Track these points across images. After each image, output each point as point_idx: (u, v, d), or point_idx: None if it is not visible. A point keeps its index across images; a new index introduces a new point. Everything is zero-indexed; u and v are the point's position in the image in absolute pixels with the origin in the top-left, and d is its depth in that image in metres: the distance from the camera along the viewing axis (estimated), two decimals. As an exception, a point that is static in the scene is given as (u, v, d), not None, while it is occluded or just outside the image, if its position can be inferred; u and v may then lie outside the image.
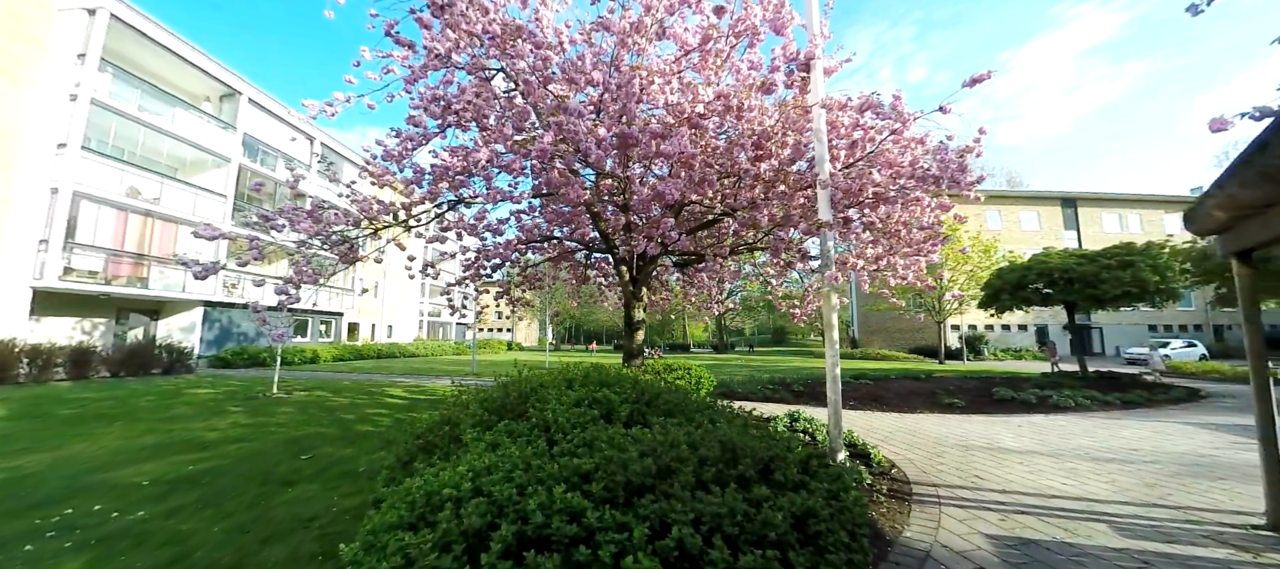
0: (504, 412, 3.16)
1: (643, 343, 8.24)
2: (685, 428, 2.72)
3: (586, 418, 2.73)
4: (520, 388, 3.58)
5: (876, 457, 5.53)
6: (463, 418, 2.99)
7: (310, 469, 5.10)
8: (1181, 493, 4.70)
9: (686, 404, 3.45)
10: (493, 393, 3.47)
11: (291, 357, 20.69)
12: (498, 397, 3.41)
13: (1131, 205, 35.89)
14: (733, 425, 2.93)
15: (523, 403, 3.26)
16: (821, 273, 5.28)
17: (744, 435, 2.58)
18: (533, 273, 11.14)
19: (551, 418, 2.73)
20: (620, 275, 8.05)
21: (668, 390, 4.03)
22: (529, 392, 3.47)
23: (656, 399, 3.46)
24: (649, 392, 3.73)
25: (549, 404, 3.02)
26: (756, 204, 5.35)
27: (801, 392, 11.69)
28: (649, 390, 3.79)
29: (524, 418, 3.02)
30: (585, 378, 4.11)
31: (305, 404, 9.57)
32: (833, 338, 5.27)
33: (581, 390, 3.45)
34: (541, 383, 3.74)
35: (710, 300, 12.48)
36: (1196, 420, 8.37)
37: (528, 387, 3.60)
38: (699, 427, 2.84)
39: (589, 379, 4.02)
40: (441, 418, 3.20)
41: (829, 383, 5.24)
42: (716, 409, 3.63)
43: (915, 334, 34.21)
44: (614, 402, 3.18)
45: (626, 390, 3.47)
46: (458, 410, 3.27)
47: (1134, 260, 14.36)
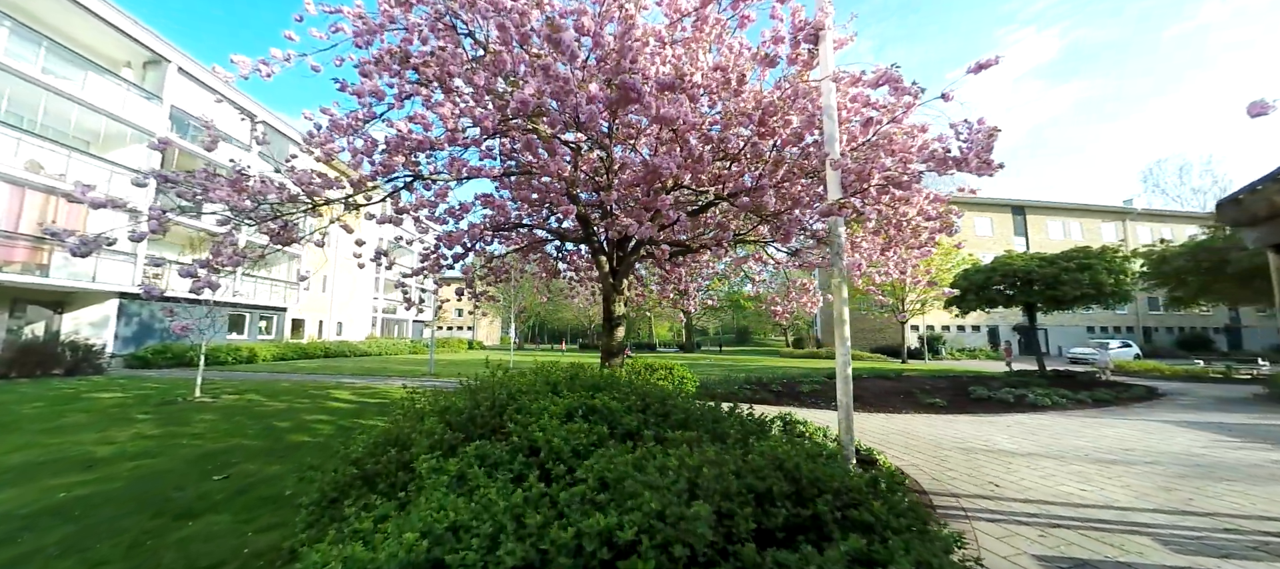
0: (473, 428, 2.42)
1: (623, 341, 7.56)
2: (716, 447, 2.07)
3: (588, 437, 2.04)
4: (493, 395, 2.83)
5: (883, 463, 5.07)
6: (416, 437, 2.22)
7: (223, 493, 4.14)
8: (1201, 498, 4.45)
9: (701, 413, 2.80)
10: (457, 401, 2.71)
11: (224, 356, 18.76)
12: (464, 407, 2.65)
13: (1074, 214, 38.06)
14: (771, 441, 2.30)
15: (498, 415, 2.53)
16: (834, 262, 4.75)
17: (805, 459, 1.96)
18: (499, 265, 10.24)
19: (541, 437, 2.02)
20: (599, 266, 7.34)
21: (672, 395, 3.37)
22: (505, 399, 2.74)
23: (664, 407, 2.79)
24: (651, 397, 3.06)
25: (534, 417, 2.30)
26: (761, 186, 4.77)
27: (781, 391, 11.31)
28: (651, 395, 3.12)
29: (501, 436, 2.29)
30: (572, 381, 3.40)
31: (232, 410, 8.34)
32: (844, 333, 4.75)
33: (571, 397, 2.74)
34: (520, 388, 3.00)
35: (686, 297, 11.94)
36: (1168, 418, 8.46)
37: (503, 392, 2.86)
38: (731, 442, 2.19)
39: (577, 383, 3.31)
40: (386, 435, 2.40)
41: (840, 383, 4.71)
42: (733, 417, 2.99)
43: (876, 334, 35.00)
44: (616, 412, 2.50)
45: (627, 397, 2.78)
46: (409, 425, 2.49)
47: (1091, 263, 14.84)
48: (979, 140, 4.48)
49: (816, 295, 9.29)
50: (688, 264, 11.41)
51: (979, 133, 4.56)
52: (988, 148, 4.34)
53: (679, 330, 65.74)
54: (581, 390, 2.96)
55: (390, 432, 2.39)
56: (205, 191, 4.64)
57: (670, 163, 4.33)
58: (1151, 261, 13.19)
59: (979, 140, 4.48)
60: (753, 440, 2.24)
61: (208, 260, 5.10)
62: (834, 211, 4.08)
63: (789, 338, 55.76)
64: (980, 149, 4.35)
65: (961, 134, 4.59)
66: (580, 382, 3.41)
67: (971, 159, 4.42)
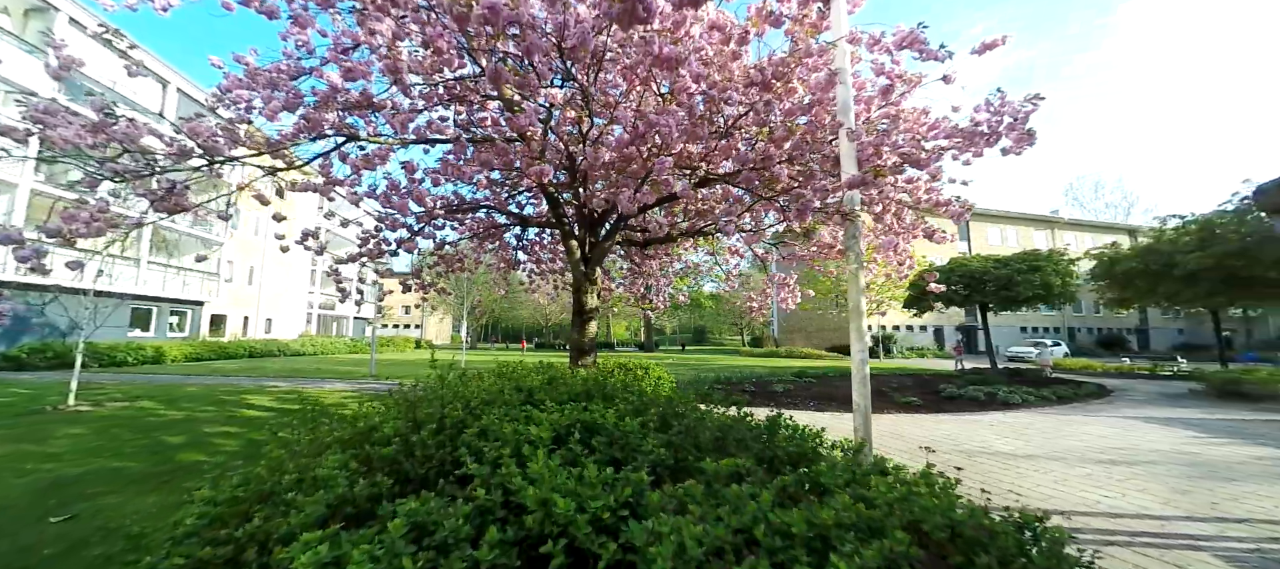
0: (408, 468, 1.54)
1: (595, 337, 6.73)
2: (776, 482, 1.33)
3: (615, 495, 1.20)
4: (442, 409, 1.96)
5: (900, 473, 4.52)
6: (298, 497, 1.28)
7: (55, 546, 2.99)
8: (1226, 502, 4.19)
9: (734, 429, 2.05)
10: (386, 423, 1.80)
11: (124, 356, 16.31)
12: (397, 433, 1.74)
13: (1011, 222, 40.51)
14: (841, 472, 1.59)
15: (449, 444, 1.67)
16: (848, 249, 4.15)
17: (941, 505, 1.26)
18: (451, 254, 9.13)
19: (527, 491, 1.19)
20: (569, 251, 6.47)
21: (675, 401, 2.61)
22: (461, 417, 1.88)
23: (682, 421, 2.02)
24: (662, 408, 2.28)
25: (507, 445, 1.48)
26: (769, 158, 4.09)
27: (754, 391, 10.82)
28: (659, 404, 2.33)
29: (456, 482, 1.44)
30: (550, 385, 2.56)
31: (112, 422, 6.84)
32: (861, 327, 4.16)
33: (556, 411, 1.92)
34: (482, 399, 2.14)
35: (656, 292, 11.23)
36: (1131, 415, 8.57)
37: (458, 406, 1.99)
38: (791, 475, 1.46)
39: (558, 388, 2.48)
40: (250, 485, 1.41)
41: (856, 384, 4.11)
42: (771, 430, 2.26)
43: (831, 333, 35.78)
44: (628, 434, 1.70)
45: (642, 407, 1.99)
46: (295, 464, 1.55)
47: (1041, 265, 15.43)
48: (1009, 111, 4.01)
49: (795, 291, 8.80)
50: (660, 256, 10.72)
51: (1005, 106, 4.09)
52: (1025, 118, 3.87)
53: (636, 329, 65.24)
54: (568, 400, 2.15)
55: (258, 478, 1.45)
56: (46, 128, 3.42)
57: (670, 121, 3.56)
58: (1103, 263, 13.76)
59: (1009, 111, 4.01)
60: (806, 469, 1.54)
61: (58, 227, 3.85)
62: (865, 182, 3.46)
63: (745, 337, 56.47)
64: (1017, 121, 3.86)
65: (994, 104, 4.09)
66: (562, 386, 2.58)
67: (1003, 132, 3.93)
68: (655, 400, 2.35)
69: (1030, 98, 3.77)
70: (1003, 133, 4.01)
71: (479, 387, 2.49)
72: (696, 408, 2.73)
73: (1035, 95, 3.73)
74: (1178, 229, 11.45)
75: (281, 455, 1.61)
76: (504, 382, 2.65)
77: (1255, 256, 9.13)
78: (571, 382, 2.59)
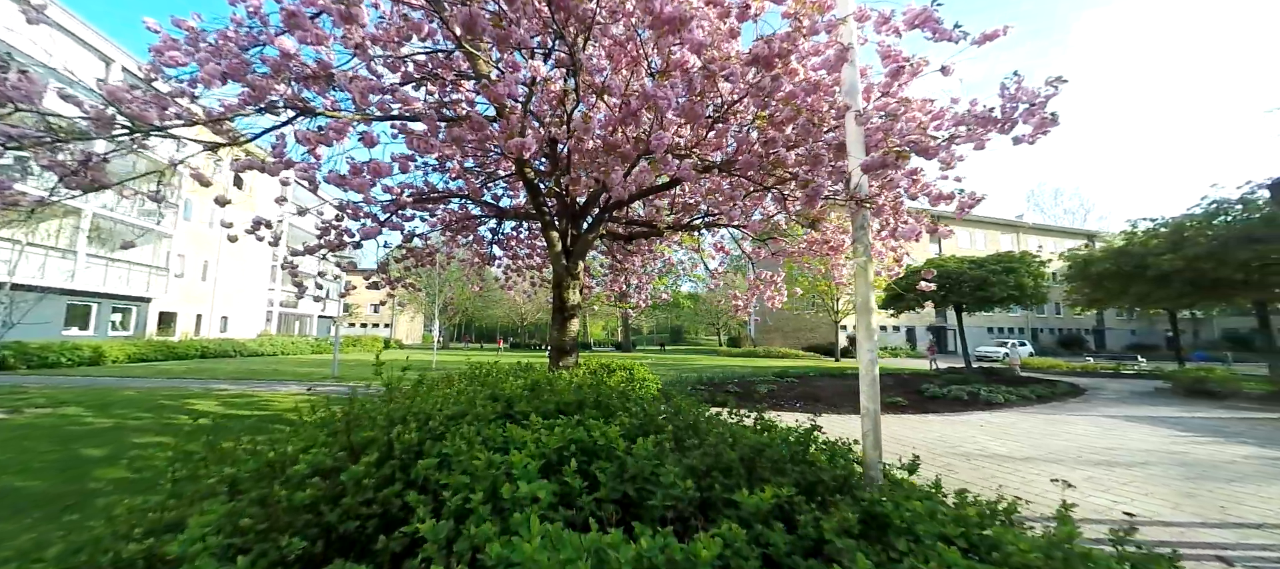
0: (334, 520, 1.10)
1: (577, 335, 6.29)
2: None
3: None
4: (389, 429, 1.51)
5: (904, 481, 4.26)
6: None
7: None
8: (1233, 505, 4.07)
9: (769, 448, 1.67)
10: (309, 451, 1.34)
11: (57, 356, 14.98)
12: (319, 469, 1.28)
13: (978, 225, 41.72)
14: (922, 517, 1.24)
15: (401, 480, 1.23)
16: (857, 240, 3.85)
17: None
18: (422, 248, 8.53)
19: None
20: (550, 243, 6.02)
21: (684, 411, 2.22)
22: (416, 442, 1.44)
23: (701, 441, 1.63)
24: (672, 419, 1.88)
25: (479, 483, 1.06)
26: (772, 141, 3.75)
27: (738, 392, 10.54)
28: (668, 413, 1.94)
29: (399, 540, 1.01)
30: (533, 393, 2.14)
31: (28, 430, 6.04)
32: (871, 324, 3.85)
33: (543, 429, 1.51)
34: (447, 411, 1.71)
35: (638, 290, 10.85)
36: (1111, 414, 8.63)
37: (411, 425, 1.55)
38: (849, 509, 1.10)
39: (541, 396, 2.06)
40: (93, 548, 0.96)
41: (865, 387, 3.79)
42: (793, 443, 1.90)
43: (808, 333, 36.12)
44: (642, 461, 1.30)
45: (648, 420, 1.59)
46: (155, 518, 1.08)
47: (1015, 267, 15.72)
48: (1025, 96, 3.77)
49: (782, 289, 8.55)
50: (643, 252, 10.34)
51: (1021, 91, 3.85)
52: (1044, 103, 3.63)
53: (613, 329, 64.67)
54: (556, 412, 1.74)
55: (116, 527, 0.98)
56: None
57: (668, 94, 3.18)
58: (1077, 264, 14.04)
59: (1025, 96, 3.77)
60: (860, 497, 1.19)
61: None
62: (885, 164, 3.14)
63: (722, 337, 56.65)
64: (1035, 106, 3.62)
65: (1009, 88, 3.85)
66: (547, 394, 2.16)
67: (1019, 119, 3.68)
68: (651, 411, 1.96)
69: (1052, 81, 3.53)
70: (1018, 119, 3.77)
71: (444, 395, 2.05)
72: (709, 415, 2.35)
73: (1057, 78, 3.48)
74: (1147, 232, 11.76)
75: (131, 509, 1.14)
76: (476, 388, 2.21)
77: (1222, 259, 9.38)
78: (559, 388, 2.18)
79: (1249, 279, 9.33)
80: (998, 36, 4.44)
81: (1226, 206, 10.04)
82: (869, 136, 4.14)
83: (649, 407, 2.09)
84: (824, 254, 7.09)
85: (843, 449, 1.89)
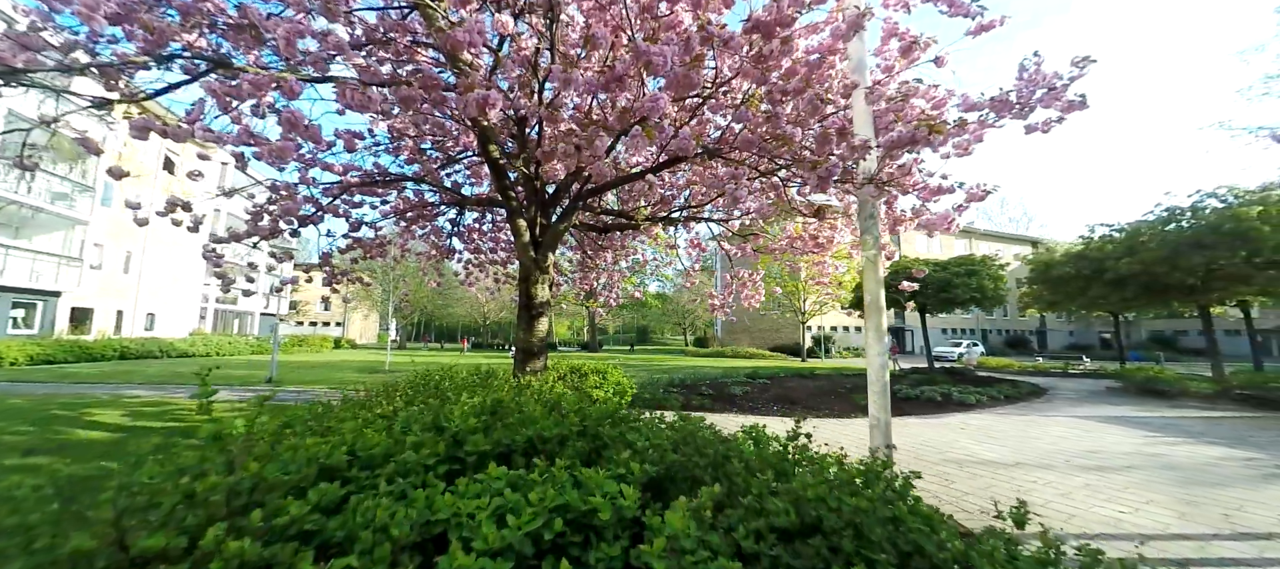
0: None
1: (547, 336, 5.69)
2: None
3: None
4: (228, 499, 0.94)
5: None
6: None
7: None
8: (1235, 513, 3.93)
9: (845, 506, 1.18)
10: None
11: (-64, 357, 13.02)
12: None
13: (922, 231, 43.30)
14: None
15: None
16: (865, 231, 3.46)
17: None
18: (372, 241, 7.71)
19: None
20: (517, 234, 5.39)
21: (712, 442, 1.70)
22: (293, 519, 0.88)
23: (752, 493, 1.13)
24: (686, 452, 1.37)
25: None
26: (776, 116, 3.31)
27: (713, 394, 10.16)
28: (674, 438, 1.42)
29: None
30: (493, 419, 1.58)
31: None
32: (879, 324, 3.47)
33: (511, 491, 0.97)
34: (365, 453, 1.14)
35: (609, 286, 10.31)
36: (1080, 414, 8.74)
37: (284, 484, 0.97)
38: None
39: (505, 423, 1.50)
40: None
41: (874, 395, 3.44)
42: (872, 500, 1.42)
43: (773, 334, 36.49)
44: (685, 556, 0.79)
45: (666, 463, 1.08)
46: None
47: (977, 270, 16.15)
48: (1044, 81, 3.48)
49: (759, 289, 8.21)
50: (615, 247, 9.80)
51: (1039, 76, 3.57)
52: (1066, 86, 3.34)
53: (579, 328, 63.64)
54: (527, 454, 1.20)
55: None
56: None
57: (665, 52, 2.67)
58: (1037, 267, 14.46)
59: (1044, 81, 3.48)
60: None
61: None
62: (915, 141, 2.74)
63: (688, 337, 56.71)
64: (1057, 90, 3.32)
65: (1027, 70, 3.55)
66: (512, 419, 1.61)
67: (1038, 104, 3.38)
68: (660, 445, 1.44)
69: (1077, 60, 3.23)
70: (1036, 104, 3.47)
71: (362, 425, 1.45)
72: (714, 433, 1.85)
73: (1084, 58, 3.19)
74: (1103, 238, 12.20)
75: None
76: (415, 412, 1.62)
77: (1175, 264, 9.76)
78: (528, 411, 1.62)
79: (1196, 284, 9.73)
80: (994, 26, 4.20)
81: (1178, 213, 10.49)
82: (878, 118, 3.78)
83: (653, 434, 1.58)
84: (809, 251, 6.78)
85: (938, 517, 1.42)
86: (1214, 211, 9.77)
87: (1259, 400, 9.39)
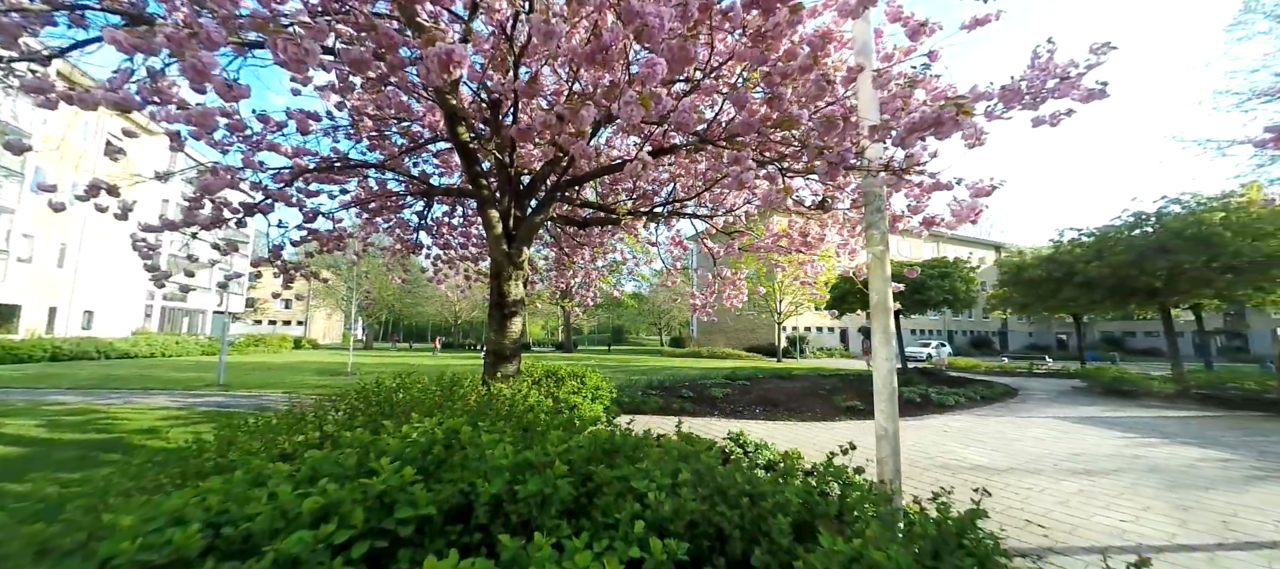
0: None
1: (521, 337, 5.27)
2: None
3: None
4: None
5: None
6: None
7: None
8: (1231, 519, 3.85)
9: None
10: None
11: None
12: None
13: (902, 232, 44.38)
14: None
15: None
16: (872, 225, 3.20)
17: None
18: (329, 233, 7.13)
19: None
20: (488, 225, 4.96)
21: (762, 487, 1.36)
22: None
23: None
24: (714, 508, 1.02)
25: None
26: (779, 96, 3.00)
27: (693, 397, 9.88)
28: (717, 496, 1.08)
29: None
30: (447, 453, 1.20)
31: None
32: (887, 325, 3.22)
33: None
34: (250, 523, 0.76)
35: (586, 285, 9.92)
36: (1056, 415, 8.83)
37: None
38: None
39: (465, 475, 1.13)
40: None
41: (882, 404, 3.16)
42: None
43: (748, 334, 36.67)
44: None
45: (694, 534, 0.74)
46: None
47: (950, 272, 16.44)
48: (1056, 70, 3.29)
49: (742, 289, 7.98)
50: (592, 244, 9.41)
51: (1052, 65, 3.38)
52: (1080, 75, 3.15)
53: (553, 329, 62.74)
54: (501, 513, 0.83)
55: None
56: None
57: (661, 11, 2.33)
58: (1010, 270, 14.74)
59: (1056, 70, 3.29)
60: None
61: None
62: (941, 122, 2.48)
63: (664, 337, 56.60)
64: (1071, 80, 3.13)
65: (1040, 58, 3.35)
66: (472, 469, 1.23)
67: (1047, 93, 3.17)
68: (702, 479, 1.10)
69: (1097, 47, 3.04)
70: (1048, 95, 3.27)
71: (249, 479, 1.04)
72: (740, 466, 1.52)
73: (1104, 44, 3.00)
74: (1073, 242, 12.52)
75: None
76: (331, 460, 1.21)
77: (1142, 267, 10.02)
78: (494, 457, 1.21)
79: (1160, 286, 10.02)
80: (990, 21, 4.04)
81: (1144, 219, 10.81)
82: (883, 105, 3.54)
83: (662, 467, 1.22)
84: (797, 250, 6.55)
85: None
86: (1177, 217, 10.08)
87: (1217, 400, 9.71)
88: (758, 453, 4.73)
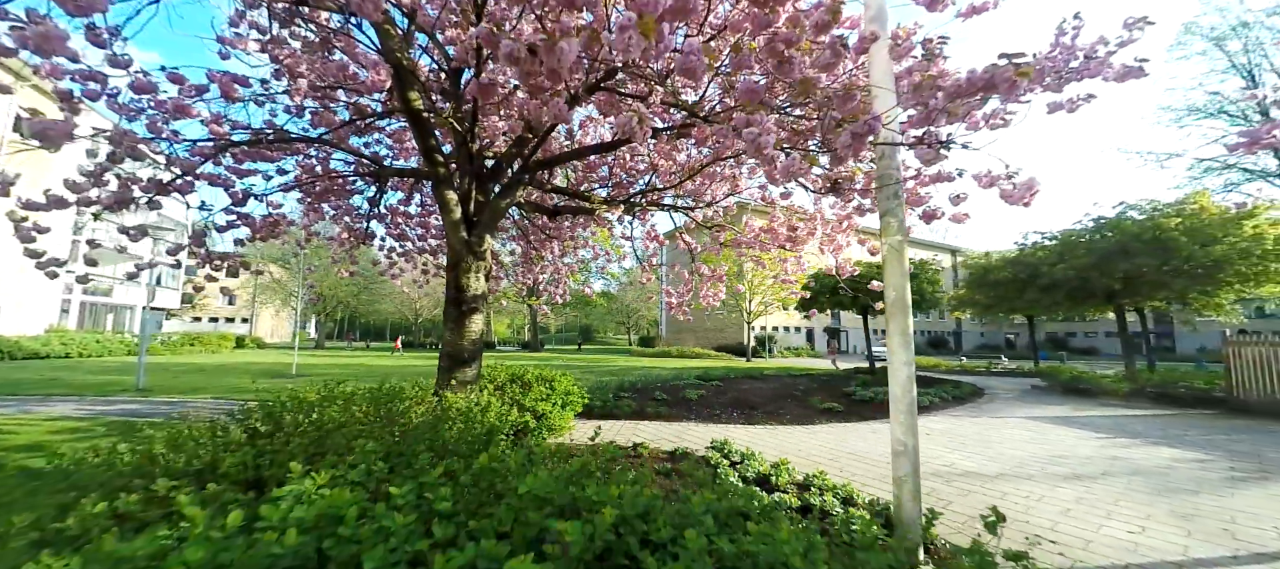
0: None
1: (481, 337, 4.68)
2: None
3: None
4: None
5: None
6: None
7: None
8: (1232, 525, 3.72)
9: None
10: None
11: None
12: None
13: (866, 235, 45.61)
14: None
15: None
16: (888, 213, 2.84)
17: None
18: (262, 219, 6.32)
19: None
20: (445, 208, 4.36)
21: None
22: None
23: None
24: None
25: None
26: (789, 60, 2.59)
27: (668, 400, 9.47)
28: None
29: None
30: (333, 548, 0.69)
31: None
32: (905, 326, 2.87)
33: None
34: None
35: (556, 281, 9.34)
36: (1027, 415, 8.89)
37: None
38: None
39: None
40: None
41: (899, 414, 2.81)
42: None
43: (718, 334, 36.72)
44: None
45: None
46: None
47: (917, 274, 16.73)
48: (1082, 49, 3.01)
49: (721, 287, 7.61)
50: (562, 237, 8.86)
51: (1072, 43, 3.10)
52: (1109, 54, 2.88)
53: (520, 327, 61.33)
54: None
55: None
56: None
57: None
58: (977, 272, 15.05)
59: (1082, 49, 3.01)
60: None
61: None
62: (993, 86, 2.10)
63: (632, 337, 56.24)
64: (1100, 60, 2.85)
65: (1065, 35, 3.07)
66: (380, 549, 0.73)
67: (1068, 72, 2.90)
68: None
69: (1131, 22, 2.76)
70: (1072, 77, 3.00)
71: None
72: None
73: (1141, 19, 2.72)
74: (1036, 245, 12.86)
75: None
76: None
77: (1103, 270, 10.32)
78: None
79: (1118, 289, 10.34)
80: (986, 9, 3.78)
81: (1104, 224, 11.17)
82: (898, 79, 3.18)
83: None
84: (782, 245, 6.23)
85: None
86: (1135, 222, 10.43)
87: (1168, 398, 10.06)
88: (745, 465, 4.33)
